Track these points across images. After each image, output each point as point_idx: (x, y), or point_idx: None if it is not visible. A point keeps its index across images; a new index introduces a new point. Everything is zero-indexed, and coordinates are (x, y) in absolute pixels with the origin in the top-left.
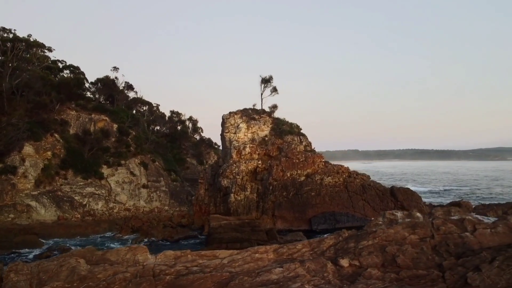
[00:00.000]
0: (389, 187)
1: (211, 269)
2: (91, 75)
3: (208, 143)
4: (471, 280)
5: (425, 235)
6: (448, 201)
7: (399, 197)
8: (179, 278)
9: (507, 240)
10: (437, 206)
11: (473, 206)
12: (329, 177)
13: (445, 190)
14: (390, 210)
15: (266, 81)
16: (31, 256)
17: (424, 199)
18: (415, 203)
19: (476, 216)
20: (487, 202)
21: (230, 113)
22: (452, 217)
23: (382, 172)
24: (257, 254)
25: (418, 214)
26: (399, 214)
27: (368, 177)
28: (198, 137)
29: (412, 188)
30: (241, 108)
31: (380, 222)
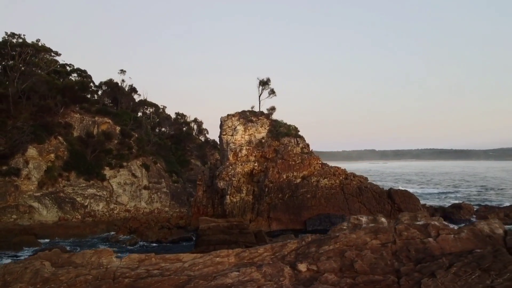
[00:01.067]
0: (388, 189)
1: (171, 272)
2: (94, 77)
3: (213, 144)
4: (425, 286)
5: (387, 240)
6: (455, 203)
7: (396, 200)
8: (137, 281)
9: (470, 246)
10: (438, 208)
11: (475, 209)
12: (325, 179)
13: (454, 191)
14: (386, 213)
15: (263, 83)
16: (25, 256)
17: (429, 202)
18: (412, 205)
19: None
20: (495, 204)
21: (228, 115)
22: (417, 222)
23: (395, 172)
24: (218, 258)
25: (383, 219)
26: (364, 219)
27: (366, 179)
28: (203, 139)
29: (420, 190)
30: (240, 110)
31: (344, 227)
